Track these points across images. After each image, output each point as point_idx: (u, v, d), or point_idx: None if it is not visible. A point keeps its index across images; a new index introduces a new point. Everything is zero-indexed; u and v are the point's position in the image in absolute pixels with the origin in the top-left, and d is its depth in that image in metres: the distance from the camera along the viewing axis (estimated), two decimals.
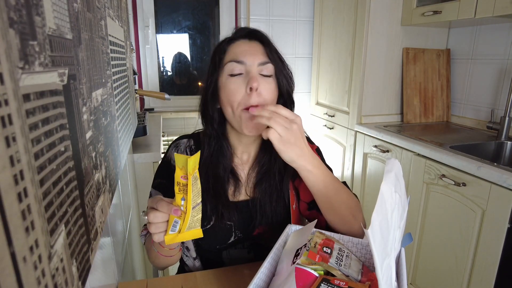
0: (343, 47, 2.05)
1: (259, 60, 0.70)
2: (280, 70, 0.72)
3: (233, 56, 0.70)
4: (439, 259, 1.44)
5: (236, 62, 0.69)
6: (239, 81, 0.69)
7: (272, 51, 0.72)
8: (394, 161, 0.51)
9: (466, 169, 1.26)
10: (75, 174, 0.40)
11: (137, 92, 1.85)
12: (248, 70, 0.69)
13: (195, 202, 0.54)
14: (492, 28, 1.74)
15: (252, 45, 0.72)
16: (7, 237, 0.24)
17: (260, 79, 0.69)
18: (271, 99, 0.71)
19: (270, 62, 0.71)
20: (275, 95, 0.72)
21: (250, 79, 0.67)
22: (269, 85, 0.70)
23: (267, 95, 0.69)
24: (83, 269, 0.42)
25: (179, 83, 2.55)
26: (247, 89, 0.68)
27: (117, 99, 0.81)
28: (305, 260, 0.57)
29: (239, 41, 0.73)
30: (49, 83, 0.34)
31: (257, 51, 0.71)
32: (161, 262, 0.72)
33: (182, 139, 0.84)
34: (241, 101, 0.69)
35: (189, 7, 2.42)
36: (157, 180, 0.81)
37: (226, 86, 0.70)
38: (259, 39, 0.73)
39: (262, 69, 0.70)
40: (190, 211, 0.53)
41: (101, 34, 0.64)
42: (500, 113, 1.68)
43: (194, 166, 0.53)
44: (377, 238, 0.39)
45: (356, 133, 1.97)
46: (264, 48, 0.72)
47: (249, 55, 0.69)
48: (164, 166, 0.81)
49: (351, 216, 0.67)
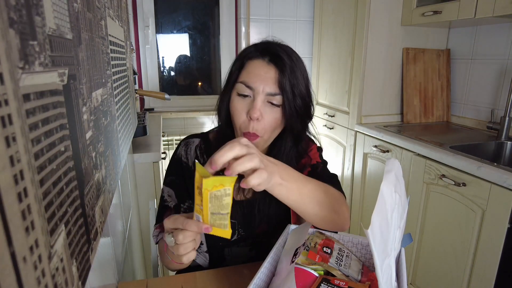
0: (343, 47, 2.05)
1: (269, 89, 0.67)
2: (290, 102, 0.68)
3: (245, 77, 0.69)
4: (439, 259, 1.44)
5: (245, 86, 0.68)
6: (244, 103, 0.69)
7: (287, 82, 0.67)
8: (394, 161, 0.51)
9: (466, 169, 1.26)
10: (75, 174, 0.40)
11: (137, 92, 1.85)
12: (255, 97, 0.68)
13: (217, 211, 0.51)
14: (492, 28, 1.74)
15: (269, 70, 0.68)
16: (7, 237, 0.24)
17: (264, 107, 0.68)
18: (272, 128, 0.70)
19: (280, 94, 0.68)
20: (277, 124, 0.70)
21: (252, 108, 0.67)
22: (272, 115, 0.69)
23: (268, 124, 0.69)
24: (83, 269, 0.42)
25: (179, 83, 2.55)
26: (247, 115, 0.68)
27: (117, 99, 0.81)
28: (305, 260, 0.57)
29: (258, 60, 0.70)
30: (49, 83, 0.34)
31: (271, 79, 0.67)
32: (175, 266, 0.72)
33: (192, 138, 0.84)
34: (242, 125, 0.70)
35: (189, 7, 2.42)
36: (169, 178, 0.81)
37: (233, 103, 0.70)
38: (278, 66, 0.68)
39: (270, 98, 0.68)
40: (208, 214, 0.51)
41: (101, 34, 0.64)
42: (500, 113, 1.68)
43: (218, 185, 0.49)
44: (377, 238, 0.39)
45: (356, 133, 1.97)
46: (280, 76, 0.67)
47: (260, 81, 0.67)
48: (175, 163, 0.82)
49: (333, 213, 0.64)
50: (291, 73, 0.68)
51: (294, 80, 0.68)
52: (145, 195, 1.45)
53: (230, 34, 2.44)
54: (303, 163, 0.82)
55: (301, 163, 0.82)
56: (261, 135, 0.70)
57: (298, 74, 0.69)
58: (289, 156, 0.77)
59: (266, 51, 0.70)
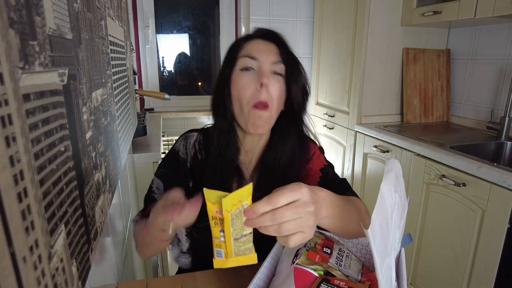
0: (343, 47, 2.05)
1: (273, 58, 0.71)
2: (291, 73, 0.73)
3: (247, 52, 0.72)
4: (439, 259, 1.44)
5: (249, 58, 0.71)
6: (250, 77, 0.70)
7: (287, 53, 0.73)
8: (394, 161, 0.51)
9: (466, 169, 1.26)
10: (75, 174, 0.40)
11: (137, 92, 1.85)
12: (260, 67, 0.70)
13: (240, 234, 0.48)
14: (492, 28, 1.74)
15: (268, 45, 0.73)
16: (7, 237, 0.24)
17: (271, 77, 0.70)
18: (278, 98, 0.72)
19: (283, 62, 0.72)
20: (283, 95, 0.73)
21: (261, 74, 0.69)
22: (278, 84, 0.72)
23: (275, 93, 0.71)
24: (83, 269, 0.42)
25: (179, 83, 2.55)
26: (257, 85, 0.69)
27: (117, 99, 0.81)
28: (305, 260, 0.57)
29: (255, 40, 0.74)
30: (49, 83, 0.34)
31: (272, 51, 0.72)
32: (153, 249, 0.70)
33: (191, 133, 0.84)
34: (250, 97, 0.70)
35: (189, 7, 2.42)
36: (161, 169, 0.80)
37: (238, 81, 0.71)
38: (275, 41, 0.74)
39: (274, 67, 0.71)
40: (231, 242, 0.48)
41: (101, 34, 0.64)
42: (500, 113, 1.68)
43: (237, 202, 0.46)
44: (377, 238, 0.39)
45: (356, 133, 1.97)
46: (279, 49, 0.73)
47: (263, 53, 0.71)
48: (171, 156, 0.81)
49: (361, 227, 0.65)
50: (288, 47, 0.74)
51: (291, 53, 0.74)
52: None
53: (230, 34, 2.44)
54: (310, 168, 0.81)
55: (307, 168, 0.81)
56: (270, 106, 0.71)
57: (292, 51, 0.75)
58: (290, 141, 0.78)
59: (260, 31, 0.76)
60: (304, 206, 0.46)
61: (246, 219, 0.46)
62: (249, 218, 0.46)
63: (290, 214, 0.45)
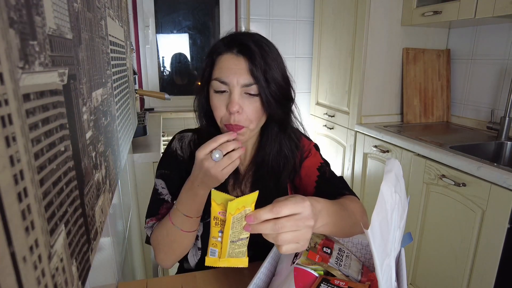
0: (343, 47, 2.05)
1: (243, 81, 0.67)
2: (267, 89, 0.68)
3: (218, 74, 0.68)
4: (439, 259, 1.44)
5: (219, 82, 0.68)
6: (222, 98, 0.69)
7: (259, 70, 0.66)
8: (394, 161, 0.51)
9: (466, 169, 1.26)
10: (75, 174, 0.40)
11: (137, 92, 1.85)
12: (231, 91, 0.67)
13: (237, 237, 0.52)
14: (492, 28, 1.74)
15: (239, 62, 0.67)
16: (7, 237, 0.24)
17: (243, 100, 0.68)
18: (256, 117, 0.70)
19: (255, 83, 0.67)
20: (260, 113, 0.70)
21: (230, 102, 0.67)
22: (252, 105, 0.69)
23: (251, 114, 0.69)
24: (83, 269, 0.42)
25: (179, 83, 2.55)
26: (227, 110, 0.68)
27: (117, 99, 0.81)
28: (305, 260, 0.57)
29: (227, 54, 0.69)
30: (49, 83, 0.34)
31: (242, 70, 0.67)
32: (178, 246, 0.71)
33: (186, 133, 0.84)
34: (223, 118, 0.69)
35: (189, 7, 2.42)
36: (160, 171, 0.80)
37: (212, 100, 0.70)
38: (247, 55, 0.67)
39: (246, 89, 0.68)
40: (228, 243, 0.51)
41: (101, 34, 0.64)
42: (500, 113, 1.68)
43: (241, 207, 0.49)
44: (377, 238, 0.39)
45: (356, 133, 1.97)
46: (252, 64, 0.67)
47: (232, 74, 0.67)
48: (168, 157, 0.81)
49: (358, 227, 0.67)
50: (261, 60, 0.67)
51: (266, 66, 0.67)
52: (145, 195, 1.45)
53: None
54: (308, 166, 0.81)
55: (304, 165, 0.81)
56: (247, 125, 0.69)
57: (269, 60, 0.68)
58: (277, 141, 0.77)
59: (232, 43, 0.69)
60: (304, 220, 0.48)
61: (246, 224, 0.48)
62: (250, 223, 0.48)
63: (290, 226, 0.47)
